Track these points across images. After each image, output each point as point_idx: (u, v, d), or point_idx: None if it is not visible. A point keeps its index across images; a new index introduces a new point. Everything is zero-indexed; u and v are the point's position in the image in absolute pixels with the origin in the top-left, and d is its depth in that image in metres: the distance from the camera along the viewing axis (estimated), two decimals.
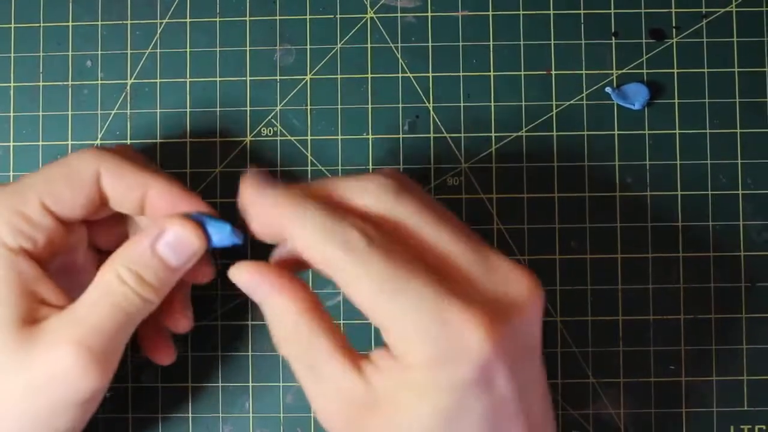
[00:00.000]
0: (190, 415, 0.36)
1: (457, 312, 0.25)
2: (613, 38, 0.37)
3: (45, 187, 0.30)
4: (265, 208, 0.29)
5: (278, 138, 0.37)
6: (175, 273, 0.30)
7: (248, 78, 0.37)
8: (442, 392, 0.26)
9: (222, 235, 0.30)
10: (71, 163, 0.31)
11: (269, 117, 0.37)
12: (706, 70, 0.37)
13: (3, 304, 0.29)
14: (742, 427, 0.36)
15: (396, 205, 0.27)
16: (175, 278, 0.30)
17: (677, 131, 0.36)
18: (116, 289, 0.29)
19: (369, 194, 0.28)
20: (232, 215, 0.33)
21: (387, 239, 0.27)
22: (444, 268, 0.27)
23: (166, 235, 0.30)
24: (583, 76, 0.37)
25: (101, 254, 0.34)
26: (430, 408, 0.26)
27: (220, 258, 0.34)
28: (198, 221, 0.30)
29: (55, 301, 0.30)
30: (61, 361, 0.28)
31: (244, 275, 0.29)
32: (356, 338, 0.36)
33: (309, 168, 0.36)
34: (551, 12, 0.37)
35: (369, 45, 0.37)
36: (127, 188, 0.31)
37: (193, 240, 0.30)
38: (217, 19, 0.37)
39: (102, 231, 0.33)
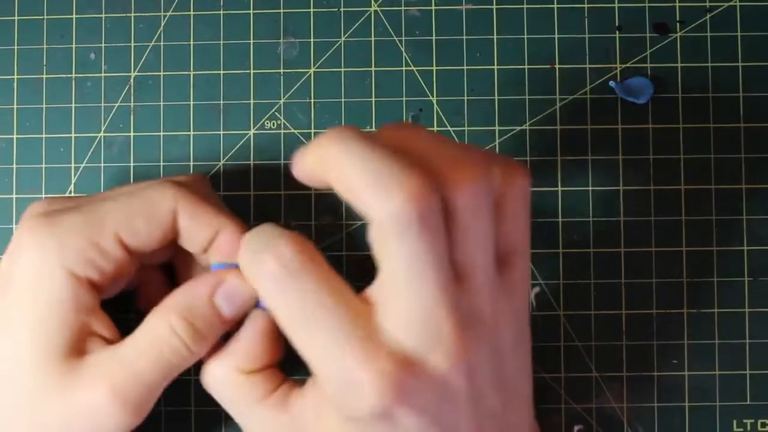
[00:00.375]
0: (192, 408, 0.36)
1: (355, 356, 0.25)
2: (617, 32, 0.37)
3: (123, 220, 0.29)
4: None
5: (282, 131, 0.37)
6: (225, 324, 0.30)
7: (252, 71, 0.37)
8: (349, 425, 0.26)
9: None
10: (152, 198, 0.30)
11: (273, 110, 0.37)
12: (710, 64, 0.37)
13: (56, 332, 0.29)
14: (745, 421, 0.36)
15: (392, 243, 0.25)
16: (224, 330, 0.30)
17: (681, 125, 0.36)
18: (166, 340, 0.29)
19: (379, 212, 0.25)
20: (236, 208, 0.33)
21: (303, 267, 0.26)
22: (377, 307, 0.26)
23: (225, 285, 0.30)
24: (587, 70, 0.37)
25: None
26: None
27: None
28: None
29: (106, 335, 0.30)
30: (95, 399, 0.28)
31: (255, 316, 0.30)
32: None
33: None
34: (555, 6, 0.37)
35: (373, 38, 0.37)
36: (202, 228, 0.30)
37: (251, 294, 0.30)
38: (221, 12, 0.37)
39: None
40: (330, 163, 0.25)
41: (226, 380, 0.30)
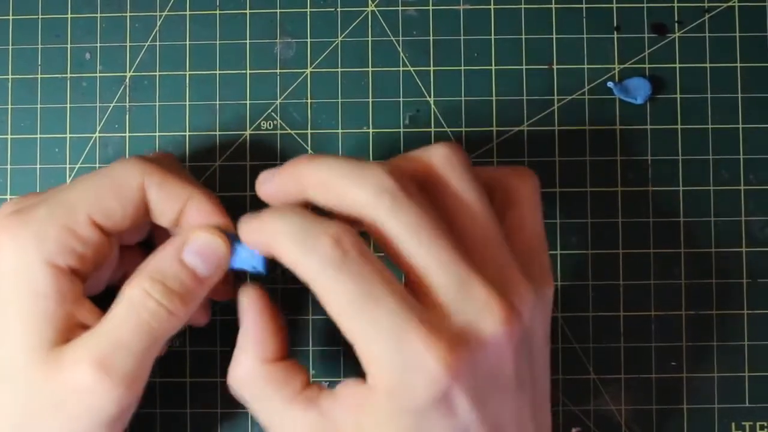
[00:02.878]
0: (188, 410, 0.36)
1: (418, 343, 0.25)
2: (615, 33, 0.37)
3: (94, 201, 0.29)
4: (251, 227, 0.29)
5: (278, 132, 0.36)
6: (203, 284, 0.30)
7: (248, 71, 0.37)
8: (402, 417, 0.26)
9: (248, 256, 0.30)
10: (117, 175, 0.30)
11: (269, 110, 0.37)
12: (708, 65, 0.36)
13: (43, 324, 0.28)
14: (743, 423, 0.36)
15: (389, 214, 0.27)
16: (203, 291, 0.30)
17: (679, 126, 0.36)
18: (142, 304, 0.29)
19: (365, 194, 0.27)
20: (232, 209, 0.33)
21: (362, 253, 0.26)
22: (419, 290, 0.27)
23: (192, 243, 0.29)
24: (585, 70, 0.37)
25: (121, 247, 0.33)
26: None
27: None
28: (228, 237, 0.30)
29: (91, 322, 0.29)
30: (82, 380, 0.28)
31: (242, 300, 0.30)
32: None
33: None
34: (553, 6, 0.37)
35: (370, 38, 0.37)
36: (171, 199, 0.30)
37: (220, 248, 0.30)
38: (217, 12, 0.37)
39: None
40: (308, 178, 0.28)
41: (253, 375, 0.29)
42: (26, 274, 0.29)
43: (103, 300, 0.30)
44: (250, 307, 0.30)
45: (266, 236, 0.28)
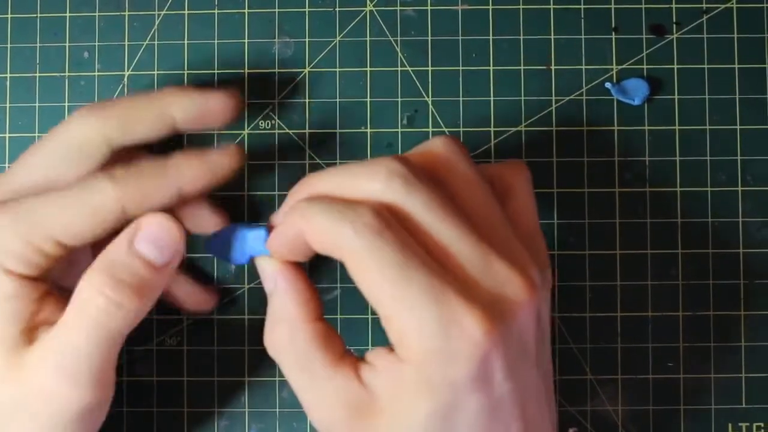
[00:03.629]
0: (185, 409, 0.36)
1: (458, 308, 0.25)
2: (614, 33, 0.37)
3: (62, 224, 0.28)
4: (281, 212, 0.29)
5: (276, 131, 0.36)
6: (160, 273, 0.29)
7: (246, 70, 0.37)
8: (439, 389, 0.26)
9: (256, 242, 0.30)
10: (91, 200, 0.28)
11: (267, 110, 0.37)
12: (706, 66, 0.37)
13: (4, 326, 0.28)
14: (740, 424, 0.36)
15: (405, 194, 0.27)
16: (162, 280, 0.29)
17: (677, 127, 0.36)
18: (92, 302, 0.28)
19: (378, 181, 0.27)
20: (229, 209, 0.33)
21: (400, 225, 0.26)
22: (446, 264, 0.27)
23: (144, 230, 0.28)
24: (583, 71, 0.37)
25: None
26: (427, 405, 0.26)
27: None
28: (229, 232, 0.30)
29: (56, 319, 0.29)
30: (44, 380, 0.28)
31: (268, 266, 0.29)
32: (354, 333, 0.36)
33: (307, 162, 0.36)
34: (551, 6, 0.37)
35: (368, 38, 0.37)
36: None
37: (174, 231, 0.28)
38: (216, 11, 0.37)
39: None
40: (318, 189, 0.28)
41: (294, 336, 0.28)
42: None
43: None
44: (281, 270, 0.29)
45: (298, 217, 0.27)
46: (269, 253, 0.30)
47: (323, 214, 0.27)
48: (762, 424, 0.36)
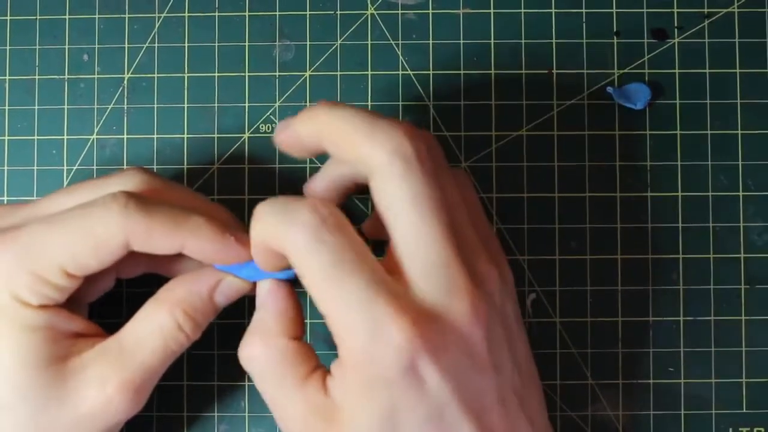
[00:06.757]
0: (185, 413, 0.36)
1: (386, 312, 0.26)
2: (615, 38, 0.37)
3: (67, 255, 0.28)
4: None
5: None
6: (217, 311, 0.32)
7: (247, 74, 0.36)
8: (377, 390, 0.26)
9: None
10: (96, 231, 0.28)
11: (268, 113, 0.36)
12: (707, 70, 0.36)
13: (30, 349, 0.28)
14: (741, 429, 0.36)
15: (395, 181, 0.27)
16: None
17: (678, 132, 0.36)
18: (172, 335, 0.30)
19: (378, 154, 0.27)
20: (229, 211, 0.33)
21: (338, 223, 0.27)
22: (398, 263, 0.27)
23: (224, 286, 0.31)
24: (585, 75, 0.36)
25: None
26: (371, 406, 0.26)
27: None
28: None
29: (79, 329, 0.30)
30: (105, 396, 0.29)
31: (263, 285, 0.31)
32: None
33: (308, 165, 0.36)
34: (553, 10, 0.37)
35: (369, 42, 0.37)
36: (163, 246, 0.29)
37: (244, 285, 0.31)
38: (216, 14, 0.37)
39: None
40: (324, 126, 0.28)
41: (268, 351, 0.29)
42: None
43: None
44: (270, 290, 0.31)
45: (255, 222, 0.28)
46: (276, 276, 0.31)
47: (268, 216, 0.27)
48: (763, 429, 0.36)
